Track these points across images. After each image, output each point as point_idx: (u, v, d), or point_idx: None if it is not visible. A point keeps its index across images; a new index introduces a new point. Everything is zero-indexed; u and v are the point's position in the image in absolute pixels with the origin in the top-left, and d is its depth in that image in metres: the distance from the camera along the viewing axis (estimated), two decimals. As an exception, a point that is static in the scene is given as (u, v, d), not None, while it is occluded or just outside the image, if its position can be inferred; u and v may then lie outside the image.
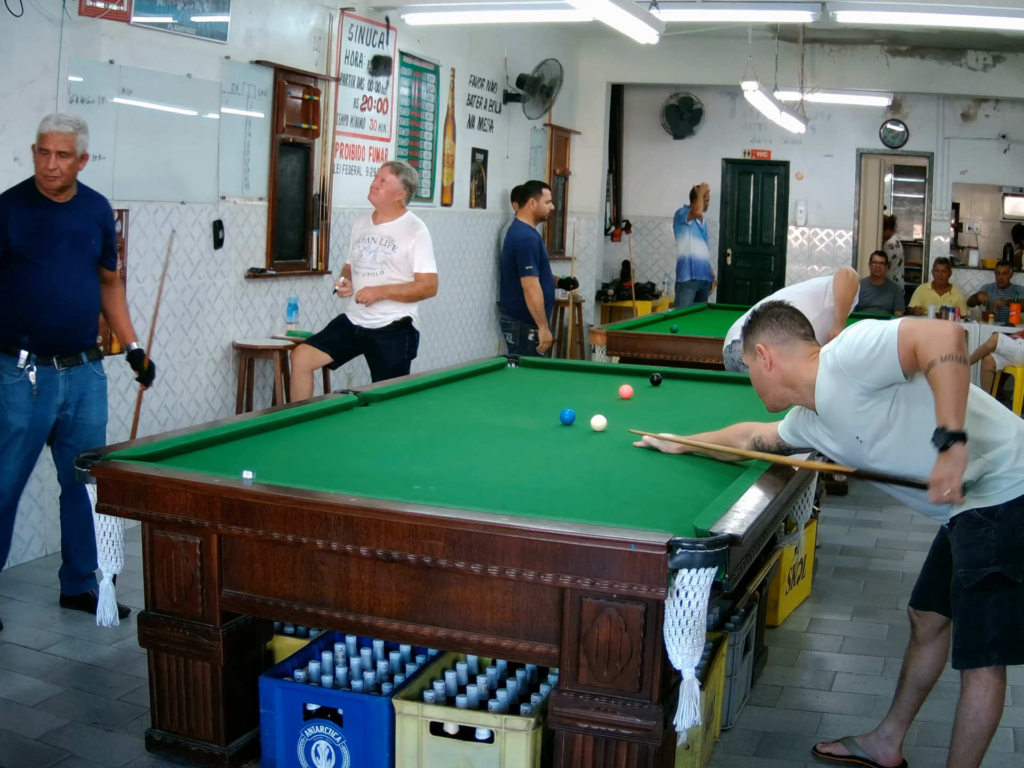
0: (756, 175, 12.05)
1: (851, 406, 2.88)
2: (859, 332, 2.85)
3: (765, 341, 3.05)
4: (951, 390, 2.63)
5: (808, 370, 3.00)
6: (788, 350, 3.03)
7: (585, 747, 2.63)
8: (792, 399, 3.07)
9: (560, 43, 10.30)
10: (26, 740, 3.26)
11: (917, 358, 2.69)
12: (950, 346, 2.63)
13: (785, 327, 3.05)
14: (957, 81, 10.43)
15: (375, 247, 5.81)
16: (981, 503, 2.83)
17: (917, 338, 2.68)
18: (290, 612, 2.92)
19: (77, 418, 4.23)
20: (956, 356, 2.62)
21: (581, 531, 2.50)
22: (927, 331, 2.68)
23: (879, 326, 2.81)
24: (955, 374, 2.62)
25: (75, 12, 4.83)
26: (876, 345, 2.75)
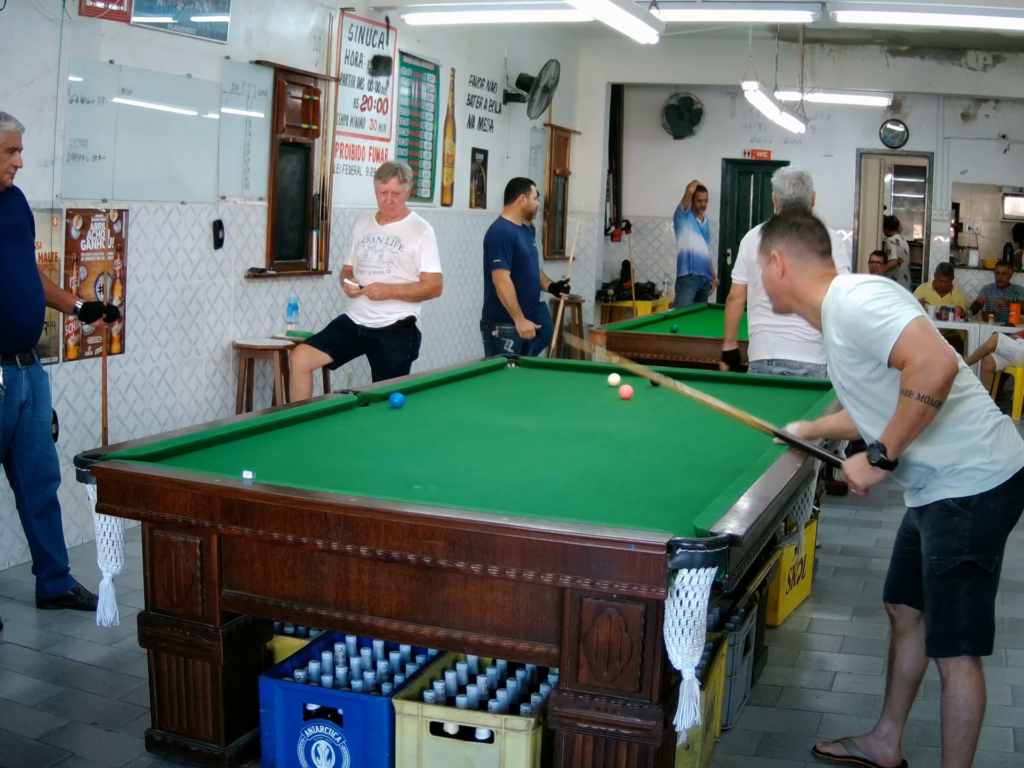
0: (756, 175, 12.05)
1: (838, 353, 2.88)
2: (873, 297, 2.78)
3: (781, 249, 3.01)
4: (908, 426, 2.69)
5: (817, 292, 2.96)
6: (802, 264, 2.98)
7: (585, 747, 2.63)
8: (797, 312, 3.07)
9: (560, 43, 10.30)
10: (26, 740, 3.26)
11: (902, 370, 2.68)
12: (933, 388, 2.62)
13: (804, 240, 2.99)
14: (957, 81, 10.43)
15: (381, 247, 5.87)
16: (956, 492, 2.86)
17: (913, 357, 2.65)
18: (290, 612, 2.92)
19: (35, 417, 4.23)
20: (933, 400, 2.63)
21: (581, 531, 2.50)
22: (925, 358, 2.63)
23: (892, 307, 2.73)
24: (920, 415, 2.65)
25: (75, 12, 4.84)
26: (879, 327, 2.71)
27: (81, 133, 5.01)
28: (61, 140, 4.91)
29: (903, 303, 2.75)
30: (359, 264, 5.93)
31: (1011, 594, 4.89)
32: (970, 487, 2.84)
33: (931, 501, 2.90)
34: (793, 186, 5.34)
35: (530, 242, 7.14)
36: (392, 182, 5.83)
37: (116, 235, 5.30)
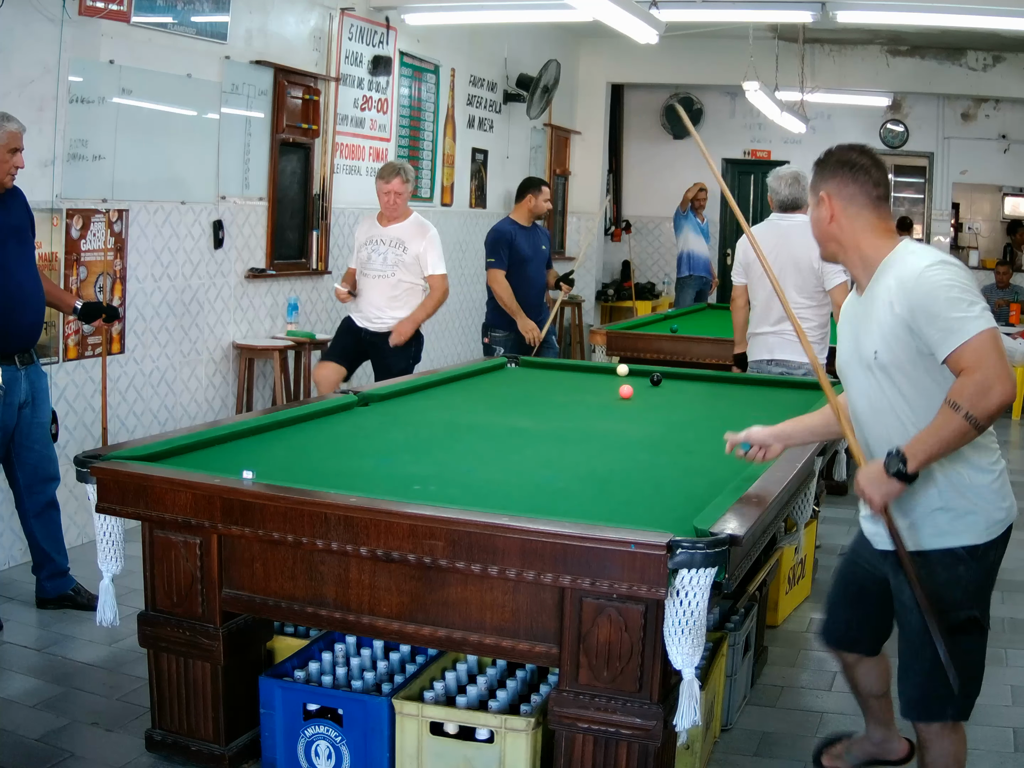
0: (756, 175, 12.05)
1: (891, 321, 2.52)
2: (959, 283, 2.46)
3: (831, 191, 2.66)
4: (942, 441, 2.42)
5: (871, 245, 2.63)
6: (854, 211, 2.64)
7: (585, 747, 2.63)
8: (842, 261, 2.74)
9: (560, 43, 10.30)
10: (26, 740, 3.26)
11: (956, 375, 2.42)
12: (985, 411, 2.36)
13: (857, 182, 2.64)
14: (957, 81, 10.43)
15: (384, 249, 5.81)
16: (966, 539, 2.58)
17: (975, 368, 2.37)
18: (290, 612, 2.92)
19: (34, 418, 4.24)
20: (979, 423, 2.38)
21: (581, 531, 2.50)
22: (986, 375, 2.35)
23: (974, 305, 2.42)
24: (960, 435, 2.40)
25: (75, 12, 4.83)
26: (954, 318, 2.41)
27: (81, 133, 5.01)
28: (61, 140, 4.91)
29: (984, 305, 2.46)
30: (363, 267, 5.87)
31: (1011, 594, 4.89)
32: (979, 534, 2.58)
33: (933, 548, 2.59)
34: (789, 186, 5.34)
35: (535, 243, 6.86)
36: (395, 182, 5.75)
37: (116, 235, 5.30)
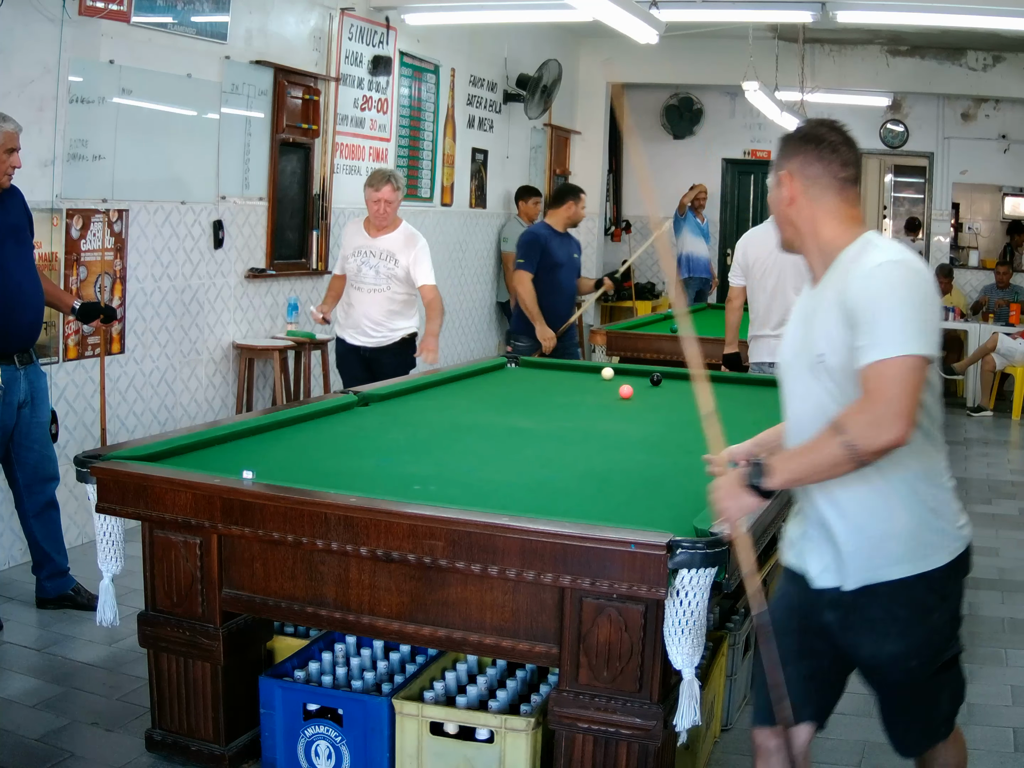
0: (756, 175, 12.05)
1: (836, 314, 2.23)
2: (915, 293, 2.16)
3: (793, 169, 2.35)
4: (812, 464, 2.16)
5: (832, 235, 2.32)
6: (816, 193, 2.33)
7: (585, 747, 2.63)
8: (799, 250, 2.41)
9: (560, 43, 10.30)
10: (26, 740, 3.26)
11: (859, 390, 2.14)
12: (869, 446, 2.07)
13: (822, 161, 2.32)
14: (957, 81, 10.43)
15: (376, 262, 5.57)
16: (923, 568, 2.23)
17: (875, 395, 2.10)
18: (290, 612, 2.92)
19: (33, 418, 4.24)
20: (859, 458, 2.09)
21: (581, 531, 2.50)
22: (887, 409, 2.08)
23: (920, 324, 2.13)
24: (834, 464, 2.12)
25: (75, 12, 4.83)
26: (877, 328, 2.12)
27: (81, 133, 5.01)
28: (61, 140, 4.90)
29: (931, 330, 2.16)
30: (353, 280, 5.62)
31: (1011, 594, 4.89)
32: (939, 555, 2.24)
33: (880, 581, 2.23)
34: None
35: (568, 250, 6.67)
36: (385, 190, 5.48)
37: (116, 235, 5.30)
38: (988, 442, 8.58)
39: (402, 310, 5.65)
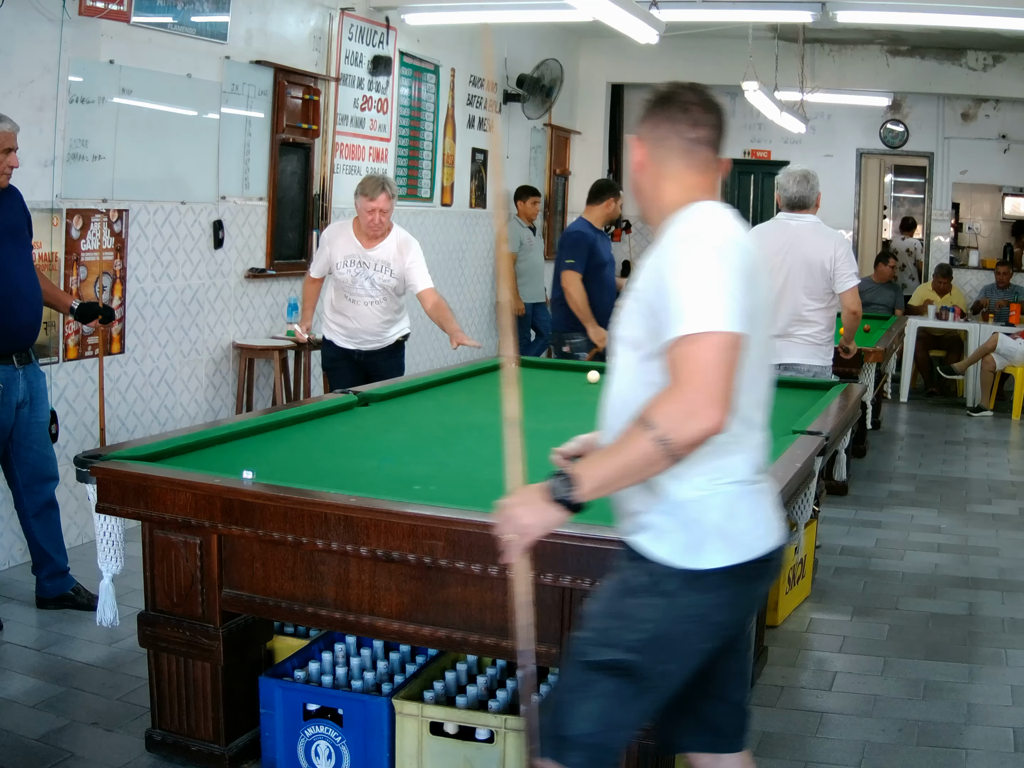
0: (756, 175, 12.05)
1: (639, 288, 2.09)
2: (708, 260, 1.96)
3: (644, 132, 2.20)
4: (624, 469, 1.95)
5: (670, 202, 2.13)
6: (662, 155, 2.15)
7: (585, 747, 2.62)
8: (649, 221, 2.23)
9: (560, 43, 10.30)
10: (26, 740, 3.26)
11: (668, 375, 1.94)
12: (683, 439, 1.87)
13: (671, 120, 2.15)
14: (957, 81, 10.43)
15: (371, 272, 5.36)
16: (676, 558, 2.02)
17: (683, 381, 1.89)
18: (290, 612, 2.92)
19: (32, 417, 4.24)
20: (674, 451, 1.89)
21: (581, 531, 2.50)
22: (697, 395, 1.87)
23: (726, 294, 1.92)
24: (648, 463, 1.91)
25: (75, 12, 4.83)
26: (681, 302, 1.93)
27: (81, 133, 5.01)
28: (61, 140, 4.91)
29: (739, 306, 1.93)
30: (348, 291, 5.40)
31: (1011, 594, 4.90)
32: (694, 554, 2.02)
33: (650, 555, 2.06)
34: (797, 184, 5.30)
35: (608, 248, 6.56)
36: (381, 199, 5.23)
37: (116, 235, 5.30)
38: (988, 442, 8.58)
39: (396, 316, 5.54)
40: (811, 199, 5.30)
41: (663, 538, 2.05)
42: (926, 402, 10.31)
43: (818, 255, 5.16)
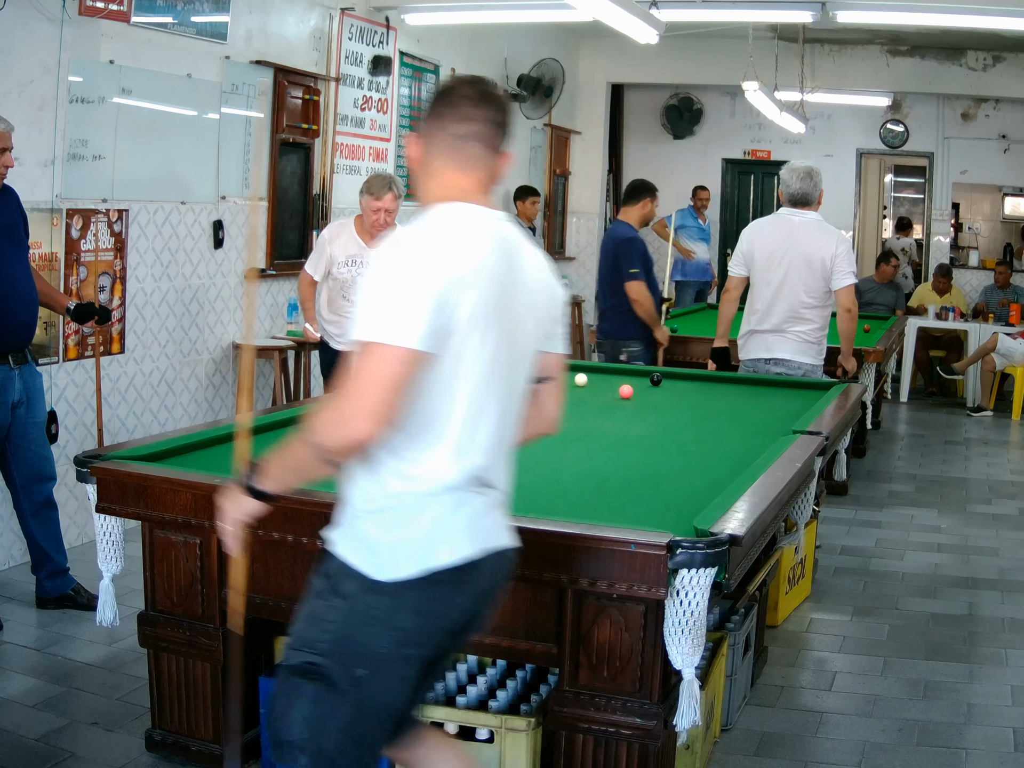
0: (756, 175, 12.05)
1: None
2: (388, 265, 1.95)
3: (420, 127, 2.17)
4: (288, 463, 2.05)
5: (427, 198, 2.13)
6: (432, 150, 2.13)
7: (585, 747, 2.63)
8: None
9: (560, 43, 10.30)
10: (26, 740, 3.26)
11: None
12: (332, 445, 1.92)
13: (440, 115, 2.12)
14: (957, 81, 10.42)
15: None
16: (356, 560, 2.03)
17: (345, 392, 1.92)
18: (290, 612, 2.91)
19: (29, 417, 4.24)
20: (327, 457, 1.95)
21: (581, 531, 2.50)
22: (348, 408, 1.90)
23: (379, 305, 1.91)
24: (309, 465, 2.01)
25: (75, 12, 4.83)
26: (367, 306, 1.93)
27: (81, 133, 5.01)
28: (61, 140, 4.91)
29: (423, 317, 1.90)
30: (345, 291, 5.31)
31: (1011, 594, 4.90)
32: (375, 561, 2.01)
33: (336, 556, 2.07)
34: (801, 180, 5.29)
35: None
36: (387, 198, 5.16)
37: (116, 235, 5.30)
38: (988, 442, 8.58)
39: None
40: (814, 196, 5.30)
41: (346, 539, 2.06)
42: (926, 402, 10.31)
43: (818, 252, 5.16)
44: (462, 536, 2.04)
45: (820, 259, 5.15)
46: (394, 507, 2.02)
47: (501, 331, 2.03)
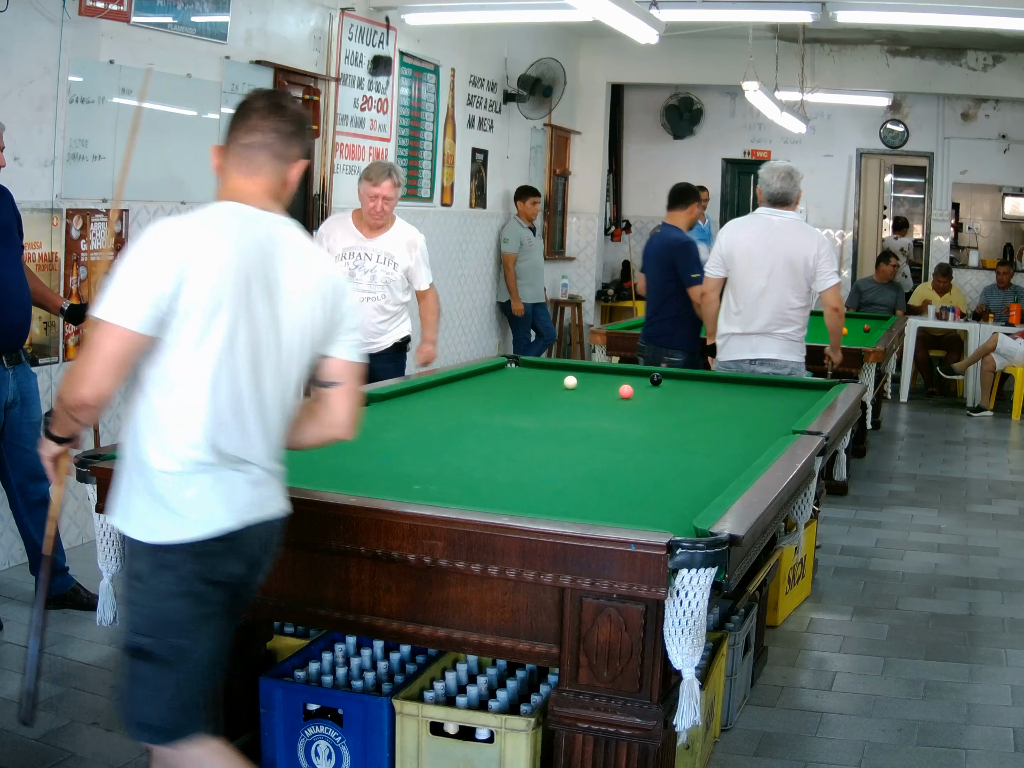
0: (756, 175, 12.04)
1: None
2: (123, 257, 2.20)
3: (225, 138, 2.37)
4: (59, 413, 2.25)
5: (218, 199, 2.37)
6: (227, 160, 2.35)
7: (585, 747, 2.62)
8: None
9: (560, 43, 10.30)
10: (26, 740, 3.26)
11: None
12: (66, 399, 2.18)
13: (233, 127, 2.34)
14: (957, 81, 10.43)
15: (372, 265, 5.09)
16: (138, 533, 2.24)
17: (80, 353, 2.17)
18: (290, 612, 2.92)
19: (24, 417, 4.24)
20: (66, 410, 2.20)
21: (581, 531, 2.50)
22: (80, 362, 2.15)
23: (114, 285, 2.15)
24: (62, 412, 2.23)
25: (75, 12, 4.84)
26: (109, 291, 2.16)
27: (81, 133, 5.01)
28: (61, 140, 4.91)
29: (145, 302, 2.12)
30: None
31: (1011, 594, 4.90)
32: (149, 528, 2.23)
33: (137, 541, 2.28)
34: (781, 180, 5.30)
35: None
36: (385, 185, 5.00)
37: (116, 235, 5.30)
38: (988, 442, 8.59)
39: (396, 315, 5.28)
40: (793, 195, 5.31)
41: (124, 515, 2.28)
42: (926, 402, 10.31)
43: (801, 252, 5.18)
44: (221, 510, 2.24)
45: (803, 259, 5.16)
46: (160, 482, 2.21)
47: (243, 323, 2.20)
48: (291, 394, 2.36)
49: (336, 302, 2.38)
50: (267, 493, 2.35)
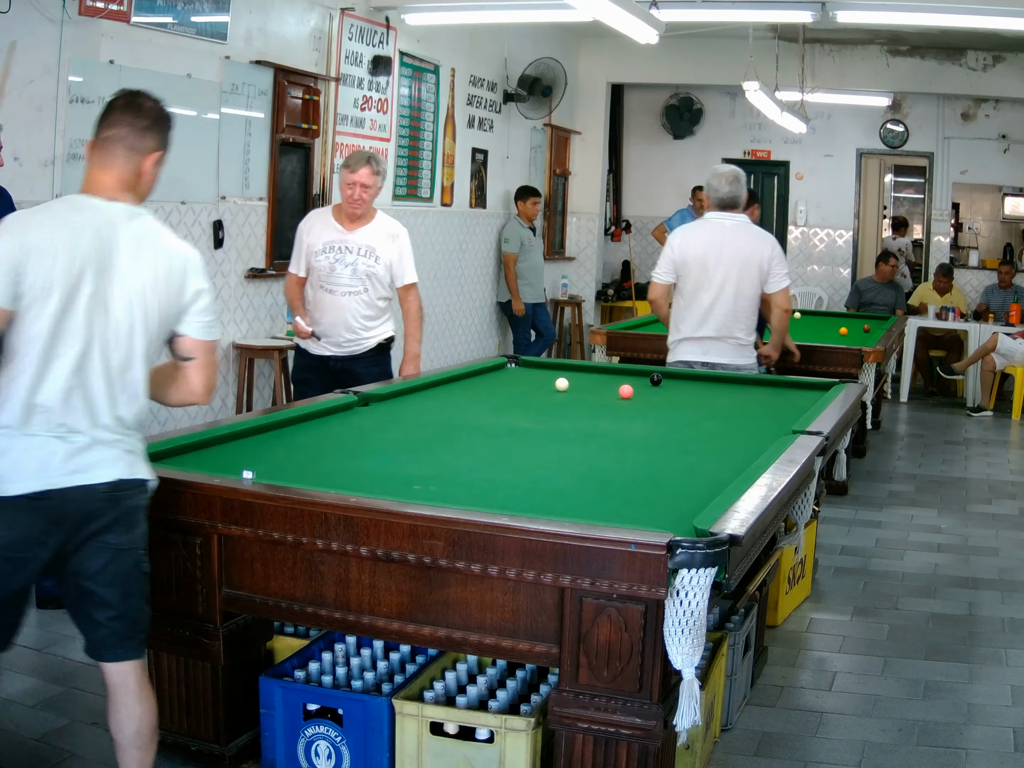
0: (756, 175, 12.04)
1: None
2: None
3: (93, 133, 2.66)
4: None
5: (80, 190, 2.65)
6: (91, 155, 2.66)
7: (585, 747, 2.62)
8: None
9: (560, 43, 10.31)
10: (26, 740, 3.26)
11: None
12: None
13: (96, 124, 2.65)
14: (957, 81, 10.43)
15: (353, 259, 4.89)
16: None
17: None
18: (290, 612, 2.92)
19: None
20: None
21: (581, 531, 2.50)
22: None
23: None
24: None
25: (75, 12, 4.84)
26: None
27: (81, 133, 5.01)
28: (61, 140, 4.91)
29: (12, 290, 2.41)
30: (324, 280, 4.90)
31: (1011, 594, 4.90)
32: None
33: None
34: (730, 184, 5.28)
35: None
36: (363, 172, 4.78)
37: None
38: (988, 442, 8.58)
39: (379, 313, 5.03)
40: (741, 198, 5.32)
41: None
42: (926, 402, 10.31)
43: (755, 255, 5.19)
44: (32, 471, 2.45)
45: (757, 261, 5.18)
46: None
47: (73, 303, 2.44)
48: (132, 366, 2.58)
49: (181, 285, 2.60)
50: (93, 459, 2.53)
